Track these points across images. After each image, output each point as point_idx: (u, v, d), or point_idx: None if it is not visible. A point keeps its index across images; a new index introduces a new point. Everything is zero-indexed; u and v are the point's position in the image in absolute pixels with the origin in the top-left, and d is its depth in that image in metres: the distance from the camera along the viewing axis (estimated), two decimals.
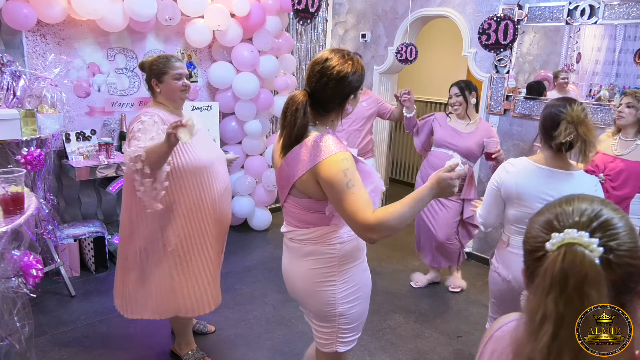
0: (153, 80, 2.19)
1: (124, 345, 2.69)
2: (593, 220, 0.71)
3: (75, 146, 3.37)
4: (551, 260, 0.68)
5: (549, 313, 0.66)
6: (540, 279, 0.68)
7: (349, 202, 1.43)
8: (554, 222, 0.73)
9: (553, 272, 0.67)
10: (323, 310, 1.67)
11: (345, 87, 1.53)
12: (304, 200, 1.58)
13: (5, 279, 1.99)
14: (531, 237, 0.76)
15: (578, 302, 0.65)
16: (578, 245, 0.67)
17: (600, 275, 0.66)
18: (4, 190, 1.82)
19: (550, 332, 0.66)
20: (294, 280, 1.71)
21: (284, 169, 1.58)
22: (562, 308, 0.65)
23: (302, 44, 4.83)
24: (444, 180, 1.44)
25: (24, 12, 2.87)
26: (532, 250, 0.75)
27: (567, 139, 1.74)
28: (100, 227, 3.54)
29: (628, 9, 3.02)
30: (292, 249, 1.70)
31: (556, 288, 0.66)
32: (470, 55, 3.89)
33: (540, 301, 0.67)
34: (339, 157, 1.48)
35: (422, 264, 3.71)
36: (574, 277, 0.65)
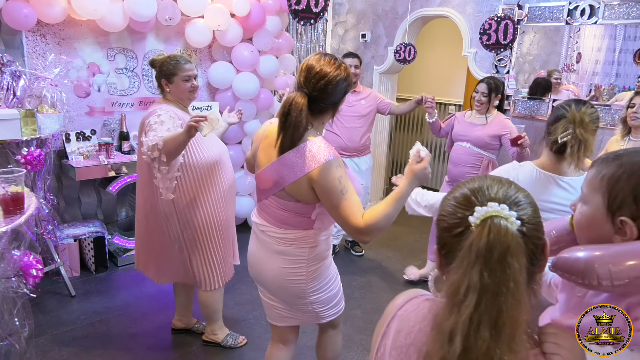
0: (163, 80, 2.29)
1: (124, 345, 2.69)
2: (507, 196, 0.75)
3: (75, 146, 3.37)
4: (477, 233, 0.70)
5: (473, 284, 0.68)
6: (466, 252, 0.70)
7: (343, 208, 1.51)
8: (472, 198, 0.75)
9: (479, 245, 0.69)
10: (295, 302, 1.78)
11: (341, 90, 1.59)
12: (290, 203, 1.62)
13: (5, 279, 1.99)
14: (447, 214, 0.77)
15: (501, 273, 0.68)
16: (500, 218, 0.70)
17: (520, 246, 0.70)
18: (4, 190, 1.82)
19: (473, 303, 0.67)
20: (264, 272, 1.78)
21: (273, 172, 1.60)
22: (486, 279, 0.68)
23: (302, 44, 4.83)
24: (420, 171, 1.50)
25: (24, 12, 2.87)
26: (449, 227, 0.76)
27: (564, 139, 1.63)
28: (100, 227, 3.54)
29: (628, 9, 3.02)
30: (263, 241, 1.75)
31: (481, 260, 0.68)
32: (470, 55, 3.89)
33: (465, 274, 0.69)
34: (333, 164, 1.54)
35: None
36: (498, 248, 0.68)
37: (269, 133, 1.68)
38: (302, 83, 1.57)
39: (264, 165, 1.65)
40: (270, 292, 1.83)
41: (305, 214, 1.64)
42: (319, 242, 1.72)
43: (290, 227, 1.66)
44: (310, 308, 1.79)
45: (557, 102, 3.40)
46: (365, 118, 3.66)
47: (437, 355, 0.70)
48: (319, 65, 1.55)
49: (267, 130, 1.71)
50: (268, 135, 1.68)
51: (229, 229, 2.51)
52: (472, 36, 3.87)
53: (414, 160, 1.52)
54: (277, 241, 1.70)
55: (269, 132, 1.69)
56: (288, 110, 1.53)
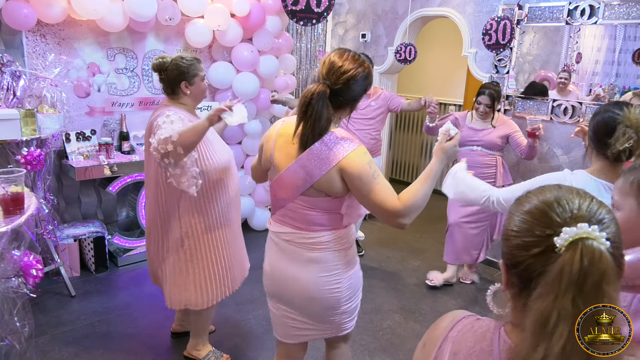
0: (184, 82, 2.20)
1: (124, 345, 2.69)
2: (592, 212, 0.68)
3: (75, 146, 3.37)
4: (568, 258, 0.64)
5: (564, 314, 0.62)
6: (555, 278, 0.64)
7: (377, 192, 1.49)
8: (551, 214, 0.68)
9: (571, 271, 0.63)
10: (326, 314, 1.69)
11: (362, 86, 1.57)
12: (319, 199, 1.56)
13: (5, 279, 1.99)
14: (521, 230, 0.71)
15: (595, 299, 0.62)
16: (592, 240, 0.64)
17: (614, 271, 0.64)
18: (4, 190, 1.82)
19: (566, 334, 0.62)
20: (290, 285, 1.66)
21: (299, 169, 1.54)
22: (581, 307, 0.62)
23: (302, 44, 4.83)
24: (450, 149, 1.56)
25: (24, 12, 2.87)
26: (525, 245, 0.70)
27: (627, 145, 1.53)
28: (100, 227, 3.54)
29: (628, 9, 3.02)
30: (287, 251, 1.65)
31: (573, 287, 0.62)
32: (470, 55, 3.89)
33: (555, 302, 0.63)
34: (361, 150, 1.53)
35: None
36: (593, 275, 0.62)
37: (283, 131, 1.62)
38: (324, 76, 1.53)
39: (284, 165, 1.58)
40: (294, 307, 1.70)
41: (335, 210, 1.59)
42: (351, 242, 1.69)
43: (321, 227, 1.60)
44: (337, 319, 1.71)
45: (558, 102, 3.40)
46: (375, 120, 3.67)
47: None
48: (341, 61, 1.53)
49: (280, 129, 1.64)
50: (283, 134, 1.62)
51: (235, 239, 2.41)
52: (472, 36, 3.87)
53: (443, 139, 1.57)
54: (308, 248, 1.61)
55: (282, 130, 1.63)
56: (309, 100, 1.49)
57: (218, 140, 2.33)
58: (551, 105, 3.46)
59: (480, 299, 3.39)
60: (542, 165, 3.56)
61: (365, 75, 1.56)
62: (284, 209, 1.63)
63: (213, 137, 2.29)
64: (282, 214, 1.65)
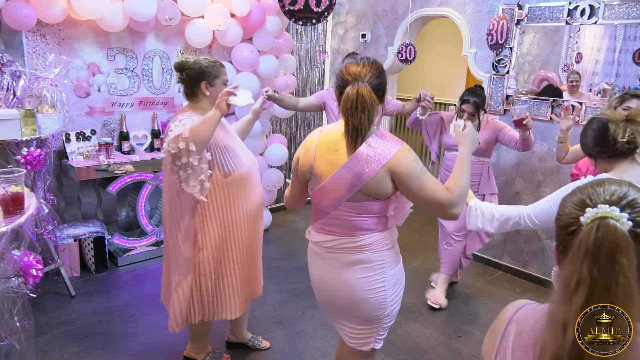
0: (205, 82, 2.13)
1: (124, 345, 2.69)
2: (622, 198, 0.79)
3: (75, 146, 3.37)
4: (586, 232, 0.76)
5: (583, 278, 0.74)
6: (576, 249, 0.77)
7: (428, 188, 1.52)
8: (587, 200, 0.81)
9: (587, 242, 0.75)
10: (372, 315, 1.68)
11: (383, 83, 1.60)
12: (365, 203, 1.56)
13: (5, 279, 1.99)
14: (564, 214, 0.84)
15: (610, 269, 0.73)
16: (610, 219, 0.75)
17: (629, 245, 0.74)
18: (4, 190, 1.82)
19: (584, 295, 0.74)
20: (336, 290, 1.68)
21: (346, 174, 1.53)
22: (595, 273, 0.74)
23: (302, 44, 4.83)
24: (470, 132, 1.69)
25: (24, 12, 2.87)
26: (565, 225, 0.83)
27: (629, 136, 1.60)
28: (100, 227, 3.54)
29: (628, 9, 3.02)
30: (329, 259, 1.66)
31: (590, 256, 0.74)
32: (470, 55, 3.89)
33: (575, 268, 0.76)
34: (405, 148, 1.55)
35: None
36: (606, 246, 0.74)
37: (324, 140, 1.62)
38: (357, 76, 1.53)
39: (328, 173, 1.57)
40: (344, 313, 1.72)
41: (382, 213, 1.60)
42: (394, 241, 1.71)
43: (366, 231, 1.60)
44: (380, 323, 1.70)
45: (557, 102, 3.40)
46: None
47: (553, 345, 0.77)
48: (359, 66, 1.56)
49: (320, 138, 1.63)
50: (324, 142, 1.61)
51: (251, 254, 2.31)
52: (472, 36, 3.87)
53: (458, 130, 1.72)
54: (351, 251, 1.62)
55: (323, 139, 1.62)
56: (356, 103, 1.49)
57: (240, 146, 2.23)
58: (551, 106, 3.46)
59: (482, 299, 3.39)
60: (542, 165, 3.56)
61: (382, 70, 1.60)
62: (327, 217, 1.63)
63: (233, 142, 2.19)
64: (324, 223, 1.65)
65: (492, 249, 3.94)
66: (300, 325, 2.93)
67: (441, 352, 2.77)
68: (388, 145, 1.53)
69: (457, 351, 2.78)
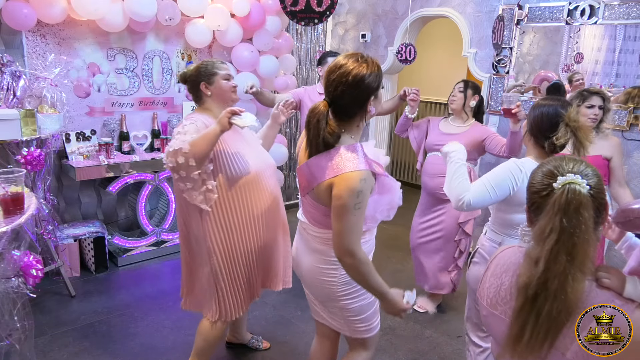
0: (203, 83, 2.11)
1: (124, 345, 2.69)
2: (580, 169, 1.05)
3: (75, 146, 3.37)
4: (559, 193, 1.02)
5: (555, 227, 1.00)
6: (550, 206, 1.02)
7: (347, 221, 1.47)
8: (555, 171, 1.06)
9: (560, 201, 1.01)
10: (326, 302, 1.78)
11: (363, 90, 1.49)
12: (320, 206, 1.60)
13: (5, 279, 1.99)
14: (537, 182, 1.09)
15: (575, 219, 0.99)
16: (575, 184, 1.01)
17: (589, 202, 1.01)
18: (4, 190, 1.82)
19: (554, 239, 1.00)
20: (302, 266, 1.80)
21: (306, 171, 1.59)
22: (564, 223, 0.99)
23: (302, 44, 4.83)
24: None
25: (24, 12, 2.87)
26: (538, 190, 1.08)
27: (562, 142, 1.78)
28: (100, 227, 3.54)
29: (628, 9, 3.02)
30: (304, 237, 1.77)
31: (561, 211, 1.00)
32: (470, 55, 3.89)
33: (550, 220, 1.01)
34: (357, 175, 1.46)
35: None
36: (574, 203, 1.00)
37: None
38: (324, 90, 1.55)
39: (302, 160, 1.65)
40: (307, 286, 1.86)
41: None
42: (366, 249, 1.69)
43: (323, 226, 1.64)
44: (340, 314, 1.77)
45: None
46: None
47: (525, 275, 1.04)
48: (336, 69, 1.50)
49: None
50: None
51: (262, 258, 2.24)
52: (472, 36, 3.87)
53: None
54: (314, 239, 1.70)
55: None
56: (308, 119, 1.52)
57: (252, 151, 2.18)
58: None
59: None
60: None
61: (365, 75, 1.48)
62: (302, 199, 1.70)
63: (245, 147, 2.14)
64: (303, 203, 1.73)
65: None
66: (301, 325, 2.93)
67: (441, 352, 2.77)
68: (345, 163, 1.47)
69: (457, 351, 2.78)
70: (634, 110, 3.08)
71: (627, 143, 3.15)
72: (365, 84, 1.48)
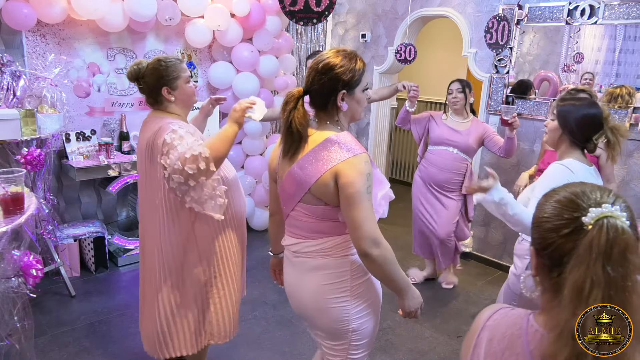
0: (165, 88, 1.93)
1: (124, 345, 2.69)
2: (616, 199, 0.80)
3: (75, 146, 3.37)
4: (596, 232, 0.75)
5: (597, 280, 0.73)
6: (586, 250, 0.75)
7: (364, 208, 1.39)
8: (578, 201, 0.80)
9: (600, 243, 0.74)
10: (335, 328, 1.57)
11: (331, 78, 1.46)
12: (319, 207, 1.49)
13: (5, 279, 1.99)
14: (552, 216, 0.82)
15: (623, 267, 0.73)
16: (614, 219, 0.75)
17: (636, 242, 0.75)
18: (4, 190, 1.82)
19: (600, 297, 0.73)
20: (302, 297, 1.60)
21: (297, 174, 1.48)
22: (610, 274, 0.73)
23: (302, 44, 4.83)
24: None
25: (24, 12, 2.87)
26: (556, 228, 0.81)
27: (602, 141, 1.78)
28: (100, 227, 3.54)
29: (628, 9, 3.02)
30: (296, 264, 1.59)
31: (602, 257, 0.73)
32: (470, 55, 3.89)
33: (588, 270, 0.74)
34: (362, 158, 1.43)
35: (422, 263, 3.71)
36: (618, 245, 0.74)
37: None
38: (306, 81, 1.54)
39: (285, 171, 1.53)
40: (310, 321, 1.63)
41: (334, 218, 1.50)
42: None
43: (323, 235, 1.52)
44: (347, 339, 1.57)
45: None
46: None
47: (563, 354, 0.74)
48: (317, 58, 1.50)
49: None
50: None
51: (242, 265, 2.20)
52: (472, 36, 3.86)
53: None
54: (314, 255, 1.53)
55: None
56: (284, 103, 1.50)
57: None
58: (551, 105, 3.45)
59: (482, 299, 3.39)
60: None
61: (340, 65, 1.46)
62: (290, 218, 1.57)
63: None
64: (289, 224, 1.59)
65: (492, 248, 3.94)
66: (300, 325, 2.93)
67: (441, 352, 2.77)
68: (343, 149, 1.43)
69: (457, 351, 2.78)
70: (634, 110, 3.08)
71: (628, 143, 3.15)
72: (333, 73, 1.46)
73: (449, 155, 3.20)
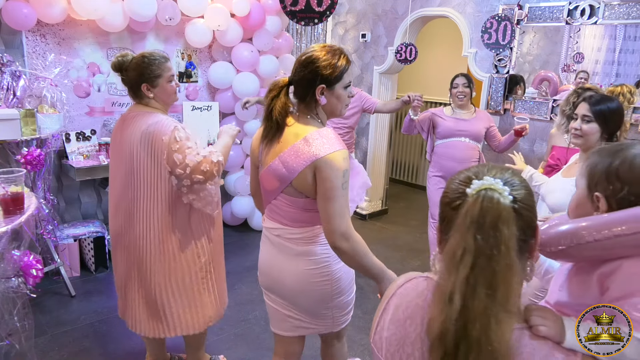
0: (144, 85, 1.95)
1: (124, 345, 2.69)
2: (505, 178, 0.81)
3: (75, 146, 3.37)
4: (472, 202, 0.77)
5: (468, 247, 0.75)
6: (461, 220, 0.77)
7: (338, 203, 1.47)
8: (472, 176, 0.82)
9: (473, 212, 0.76)
10: (318, 307, 1.70)
11: (311, 71, 1.53)
12: (300, 200, 1.56)
13: (5, 279, 1.99)
14: (450, 191, 0.85)
15: (493, 237, 0.75)
16: (493, 191, 0.77)
17: (511, 215, 0.76)
18: (4, 190, 1.82)
19: (469, 264, 0.75)
20: (282, 279, 1.68)
21: (278, 169, 1.54)
22: (480, 242, 0.75)
23: (302, 44, 4.83)
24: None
25: (24, 12, 2.87)
26: (450, 201, 0.84)
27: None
28: (100, 227, 3.54)
29: (628, 9, 3.02)
30: (278, 245, 1.66)
31: (475, 225, 0.75)
32: (470, 55, 3.89)
33: (462, 238, 0.76)
34: (341, 155, 1.49)
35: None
36: (490, 215, 0.75)
37: None
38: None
39: (269, 161, 1.58)
40: (288, 301, 1.71)
41: (315, 210, 1.57)
42: None
43: (306, 224, 1.60)
44: (330, 314, 1.72)
45: (558, 102, 3.40)
46: (348, 121, 3.56)
47: (439, 318, 0.76)
48: (302, 52, 1.59)
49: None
50: None
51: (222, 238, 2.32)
52: (472, 36, 3.87)
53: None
54: (296, 242, 1.62)
55: None
56: (268, 92, 1.59)
57: None
58: (551, 105, 3.46)
59: None
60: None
61: (321, 59, 1.52)
62: (271, 204, 1.64)
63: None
64: (270, 210, 1.66)
65: None
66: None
67: None
68: (326, 143, 1.49)
69: None
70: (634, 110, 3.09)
71: None
72: (314, 67, 1.52)
73: (461, 145, 3.25)
